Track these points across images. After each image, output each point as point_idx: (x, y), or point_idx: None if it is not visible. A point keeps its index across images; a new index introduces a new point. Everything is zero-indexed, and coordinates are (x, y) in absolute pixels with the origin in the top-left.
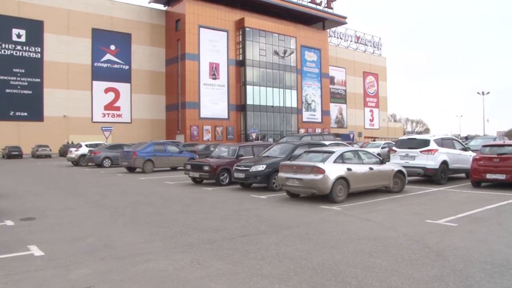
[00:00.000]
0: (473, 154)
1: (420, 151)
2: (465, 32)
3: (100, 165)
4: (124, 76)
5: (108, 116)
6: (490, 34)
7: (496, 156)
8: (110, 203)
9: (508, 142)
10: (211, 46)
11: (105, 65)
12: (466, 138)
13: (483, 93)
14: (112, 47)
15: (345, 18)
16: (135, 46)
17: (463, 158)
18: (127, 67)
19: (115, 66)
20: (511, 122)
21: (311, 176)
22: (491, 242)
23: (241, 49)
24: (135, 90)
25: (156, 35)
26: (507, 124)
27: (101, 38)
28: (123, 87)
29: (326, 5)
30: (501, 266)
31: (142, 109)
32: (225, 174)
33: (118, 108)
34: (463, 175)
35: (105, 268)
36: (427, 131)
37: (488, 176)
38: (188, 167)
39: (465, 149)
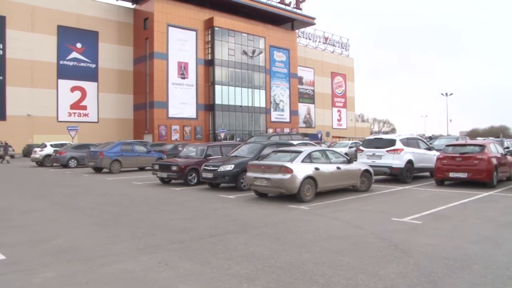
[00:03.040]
0: (437, 153)
1: (387, 151)
2: (430, 35)
3: (65, 165)
4: (91, 75)
5: (74, 116)
6: (454, 36)
7: (458, 155)
8: (76, 204)
9: (470, 142)
10: (180, 45)
11: (71, 63)
12: (431, 138)
13: (446, 94)
14: (79, 45)
15: (313, 19)
16: (102, 44)
17: (428, 158)
18: (94, 65)
19: (82, 64)
20: (473, 122)
21: (279, 176)
22: (454, 239)
23: (210, 49)
24: (102, 89)
25: (123, 33)
26: (470, 124)
27: (67, 36)
28: (89, 86)
29: (295, 6)
30: (462, 262)
31: (109, 108)
32: (193, 174)
33: (84, 108)
34: (427, 173)
35: (70, 270)
36: (393, 131)
37: (451, 174)
38: (156, 167)
39: (429, 149)
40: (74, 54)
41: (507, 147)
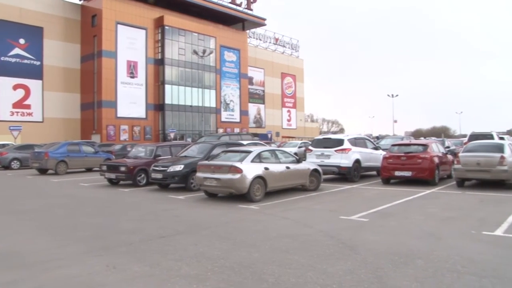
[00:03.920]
0: (384, 153)
1: (335, 150)
2: (377, 37)
3: (7, 167)
4: (35, 73)
5: (17, 115)
6: (401, 39)
7: (403, 154)
8: (19, 207)
9: (414, 141)
10: (129, 43)
11: (13, 60)
12: (377, 137)
13: (392, 95)
14: (22, 41)
15: (264, 20)
16: (47, 41)
17: (375, 157)
18: (38, 62)
19: (25, 61)
20: (417, 123)
21: (228, 176)
22: (399, 235)
23: (160, 48)
24: (47, 87)
25: (70, 30)
26: (414, 125)
27: (9, 30)
28: (34, 84)
29: (246, 6)
30: (406, 257)
31: (55, 107)
32: (142, 175)
33: (28, 106)
34: (374, 172)
35: (12, 277)
36: (342, 131)
37: (397, 173)
38: (104, 168)
39: (376, 148)
40: (16, 50)
41: (448, 147)
